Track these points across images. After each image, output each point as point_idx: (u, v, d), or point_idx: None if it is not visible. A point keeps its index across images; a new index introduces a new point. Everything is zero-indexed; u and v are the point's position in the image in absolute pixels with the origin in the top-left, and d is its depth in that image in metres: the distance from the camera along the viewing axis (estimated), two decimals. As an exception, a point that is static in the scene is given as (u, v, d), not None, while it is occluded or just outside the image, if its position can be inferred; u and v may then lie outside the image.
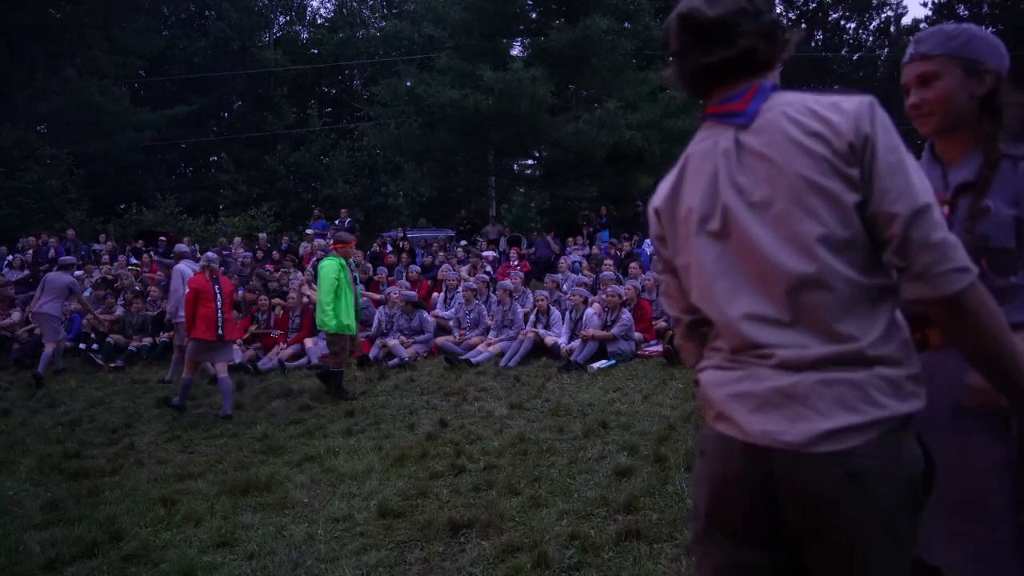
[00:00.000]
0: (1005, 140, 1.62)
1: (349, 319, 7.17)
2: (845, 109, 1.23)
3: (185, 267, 8.22)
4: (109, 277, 12.59)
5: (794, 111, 1.26)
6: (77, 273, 11.19)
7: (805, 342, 1.19)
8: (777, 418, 1.18)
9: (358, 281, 7.50)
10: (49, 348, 8.57)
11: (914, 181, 1.19)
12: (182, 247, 8.62)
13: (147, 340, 10.02)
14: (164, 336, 9.99)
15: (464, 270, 12.15)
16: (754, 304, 1.24)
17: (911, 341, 1.25)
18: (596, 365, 7.88)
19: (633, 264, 10.98)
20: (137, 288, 11.65)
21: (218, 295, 6.78)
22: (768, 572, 1.23)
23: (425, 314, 9.37)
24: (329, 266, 7.20)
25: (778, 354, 1.20)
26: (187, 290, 7.00)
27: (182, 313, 7.48)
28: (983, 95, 1.62)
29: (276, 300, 10.02)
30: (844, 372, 1.17)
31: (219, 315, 6.75)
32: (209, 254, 7.43)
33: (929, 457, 1.22)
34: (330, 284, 7.06)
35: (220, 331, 6.73)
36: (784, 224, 1.22)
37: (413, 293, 9.62)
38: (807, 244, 1.20)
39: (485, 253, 13.83)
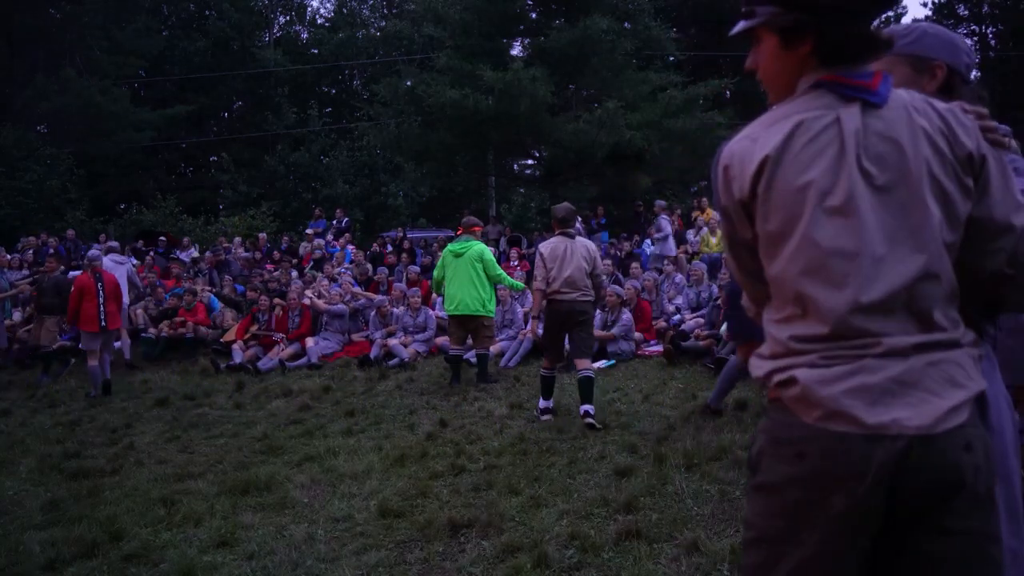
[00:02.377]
0: None
1: (493, 303, 7.47)
2: (965, 123, 1.27)
3: (109, 262, 9.12)
4: None
5: (919, 105, 1.27)
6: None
7: (907, 328, 1.21)
8: (900, 405, 1.18)
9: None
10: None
11: (1020, 198, 1.27)
12: (93, 251, 8.73)
13: (150, 333, 10.04)
14: (163, 331, 10.00)
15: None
16: (866, 289, 1.21)
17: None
18: (596, 365, 7.89)
19: (634, 265, 10.98)
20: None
21: (100, 291, 7.68)
22: (855, 563, 1.22)
23: (430, 312, 9.38)
24: (486, 251, 7.42)
25: (884, 342, 1.20)
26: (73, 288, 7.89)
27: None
28: (934, 90, 1.64)
29: (276, 300, 10.02)
30: (944, 353, 1.22)
31: (101, 309, 7.65)
32: (91, 252, 8.40)
33: None
34: (499, 268, 7.35)
35: (103, 322, 7.63)
36: (906, 212, 1.22)
37: (417, 290, 9.64)
38: (929, 236, 1.22)
39: None
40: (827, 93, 1.28)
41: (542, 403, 5.90)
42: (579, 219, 12.40)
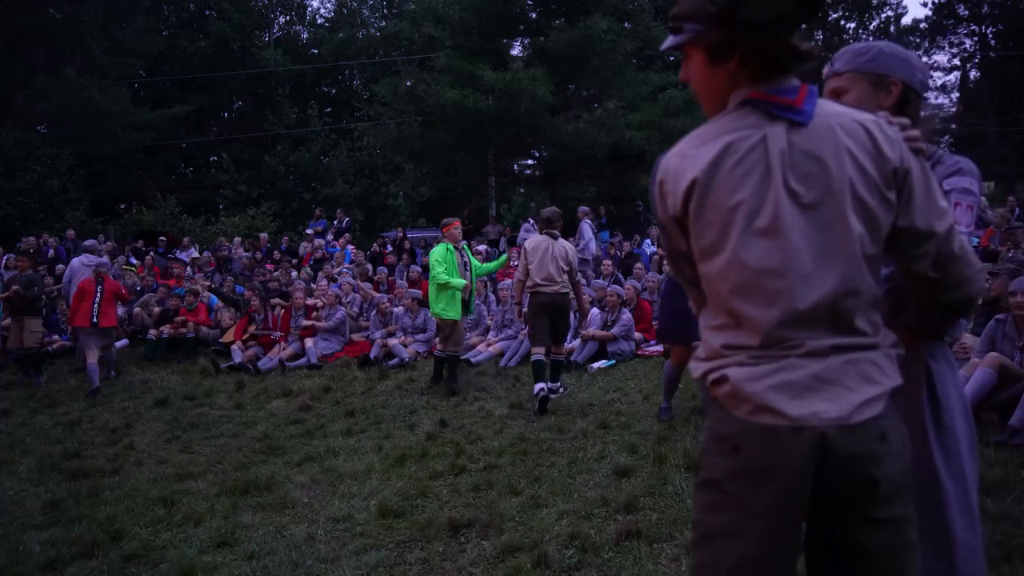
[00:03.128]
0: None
1: (451, 305, 7.14)
2: (891, 136, 1.34)
3: (78, 263, 9.39)
4: None
5: (845, 122, 1.33)
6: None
7: (828, 334, 1.30)
8: (818, 400, 1.27)
9: (469, 266, 7.43)
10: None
11: (942, 203, 1.36)
12: (90, 242, 9.23)
13: (152, 334, 10.04)
14: (164, 331, 10.01)
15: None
16: (795, 305, 1.28)
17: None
18: (596, 365, 7.88)
19: (638, 265, 10.96)
20: (139, 288, 11.67)
21: (99, 293, 8.17)
22: (787, 559, 1.31)
23: (429, 312, 9.37)
24: (436, 251, 7.26)
25: (807, 344, 1.29)
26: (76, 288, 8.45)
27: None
28: (890, 106, 1.74)
29: (276, 300, 10.02)
30: (861, 353, 1.31)
31: (95, 307, 8.11)
32: (100, 260, 9.10)
33: None
34: (438, 268, 7.09)
35: (95, 319, 8.07)
36: (830, 229, 1.29)
37: (418, 291, 9.64)
38: (851, 252, 1.29)
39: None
40: (754, 111, 1.33)
41: (536, 387, 6.11)
42: (587, 219, 12.65)
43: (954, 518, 1.65)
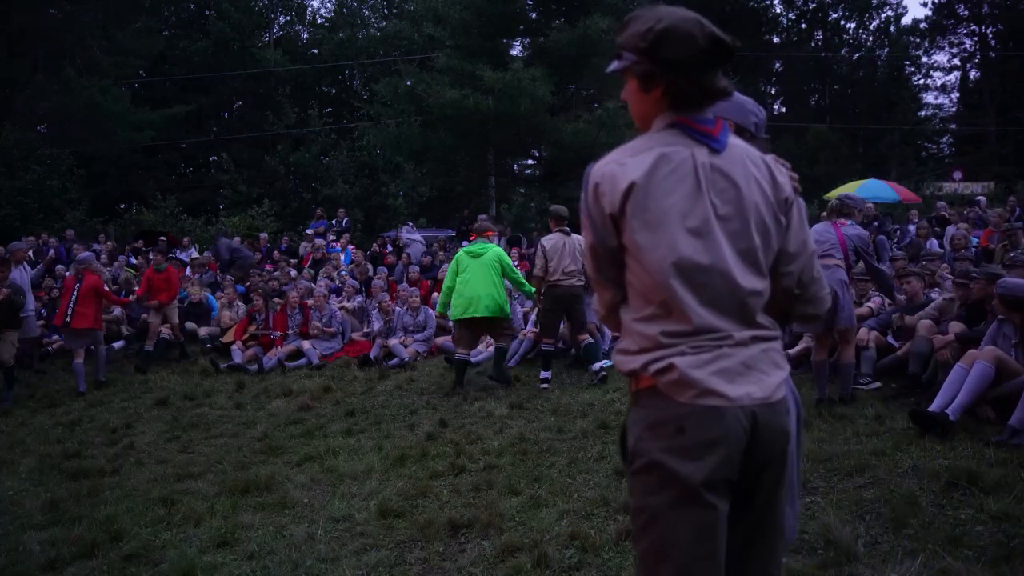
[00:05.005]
0: None
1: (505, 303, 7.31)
2: (783, 173, 1.65)
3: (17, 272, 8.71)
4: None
5: (751, 156, 1.61)
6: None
7: (743, 326, 1.55)
8: (748, 383, 1.52)
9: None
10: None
11: (808, 235, 1.68)
12: (84, 254, 8.84)
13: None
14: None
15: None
16: (718, 295, 1.52)
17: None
18: (597, 365, 7.88)
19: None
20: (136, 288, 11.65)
21: (76, 290, 7.85)
22: (725, 519, 1.52)
23: (430, 311, 9.36)
24: (502, 253, 7.30)
25: (734, 335, 1.53)
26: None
27: (30, 307, 8.48)
28: None
29: (276, 300, 10.02)
30: (769, 344, 1.59)
31: (70, 307, 7.83)
32: (81, 255, 8.62)
33: None
34: (510, 265, 7.28)
35: (68, 319, 7.78)
36: (740, 240, 1.54)
37: (416, 290, 9.62)
38: (755, 261, 1.56)
39: None
40: (681, 133, 1.57)
41: (542, 374, 6.86)
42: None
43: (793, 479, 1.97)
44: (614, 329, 1.70)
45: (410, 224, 14.69)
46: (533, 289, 7.67)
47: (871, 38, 32.27)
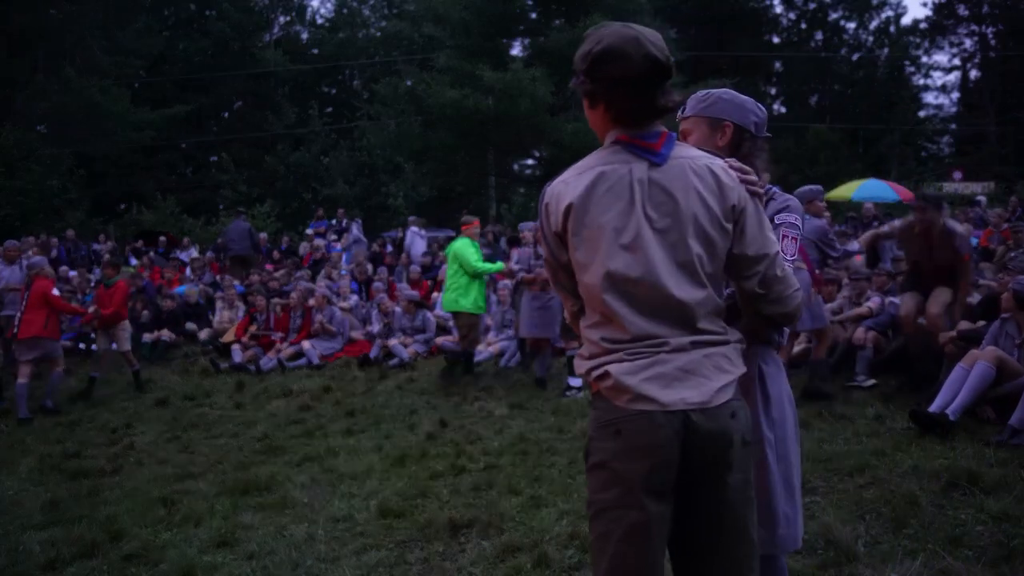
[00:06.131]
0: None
1: (482, 300, 7.28)
2: (732, 179, 1.65)
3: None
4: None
5: (697, 165, 1.64)
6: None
7: (683, 332, 1.61)
8: (684, 388, 1.56)
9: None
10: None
11: (770, 235, 1.69)
12: (36, 259, 8.19)
13: (148, 337, 10.03)
14: (163, 335, 10.01)
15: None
16: (652, 304, 1.59)
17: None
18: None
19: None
20: (133, 289, 11.64)
21: (24, 300, 7.06)
22: (666, 521, 1.58)
23: (428, 313, 9.36)
24: (464, 244, 7.25)
25: (671, 342, 1.59)
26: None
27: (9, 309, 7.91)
28: (725, 145, 2.00)
29: (276, 300, 10.01)
30: (714, 348, 1.62)
31: (18, 316, 7.03)
32: (33, 259, 7.87)
33: None
34: (474, 260, 7.14)
35: (15, 329, 6.99)
36: (677, 251, 1.60)
37: (415, 293, 9.62)
38: (694, 271, 1.60)
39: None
40: (623, 150, 1.65)
41: (570, 380, 6.64)
42: None
43: (777, 494, 1.93)
44: (577, 334, 1.77)
45: (417, 227, 14.63)
46: (500, 265, 7.62)
47: (871, 38, 32.30)
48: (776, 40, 33.19)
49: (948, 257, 5.35)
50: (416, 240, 14.36)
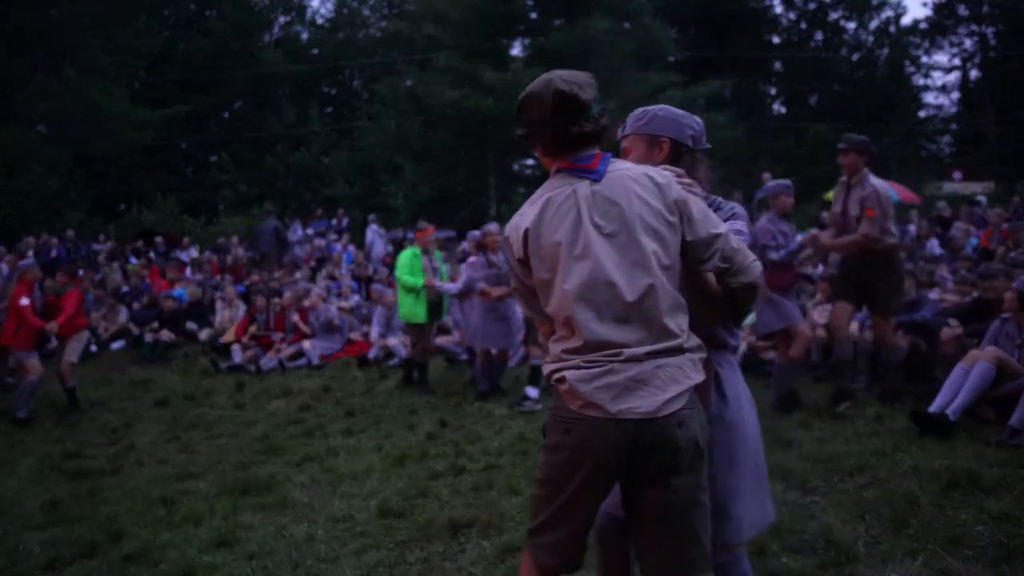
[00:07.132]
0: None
1: (419, 308, 7.20)
2: (667, 178, 1.84)
3: None
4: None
5: (633, 174, 1.83)
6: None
7: (642, 338, 1.73)
8: (633, 398, 1.69)
9: (438, 272, 7.53)
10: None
11: (714, 218, 1.87)
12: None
13: (148, 337, 10.03)
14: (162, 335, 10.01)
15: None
16: (613, 308, 1.73)
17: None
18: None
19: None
20: (125, 289, 11.65)
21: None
22: (596, 506, 1.80)
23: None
24: (403, 256, 7.40)
25: (625, 352, 1.71)
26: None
27: None
28: (662, 160, 2.09)
29: (276, 300, 10.01)
30: (669, 358, 1.74)
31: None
32: (21, 262, 7.71)
33: None
34: (399, 271, 7.25)
35: None
36: (629, 251, 1.75)
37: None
38: (647, 264, 1.74)
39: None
40: (566, 175, 1.86)
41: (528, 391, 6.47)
42: None
43: (728, 493, 1.97)
44: (546, 352, 1.91)
45: (377, 226, 14.56)
46: (420, 281, 7.14)
47: (871, 38, 32.26)
48: (776, 40, 33.15)
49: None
50: (376, 240, 14.24)
